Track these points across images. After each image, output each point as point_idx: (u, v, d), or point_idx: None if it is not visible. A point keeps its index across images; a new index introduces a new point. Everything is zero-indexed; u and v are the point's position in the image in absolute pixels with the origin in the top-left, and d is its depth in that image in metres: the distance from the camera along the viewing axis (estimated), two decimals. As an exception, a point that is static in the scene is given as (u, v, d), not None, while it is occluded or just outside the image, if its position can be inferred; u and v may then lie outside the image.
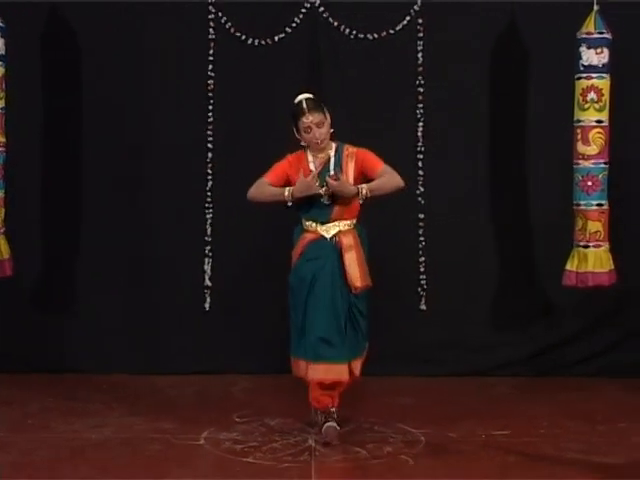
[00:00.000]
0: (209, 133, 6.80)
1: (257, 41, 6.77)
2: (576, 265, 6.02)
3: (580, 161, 6.02)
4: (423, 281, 6.85)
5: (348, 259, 5.25)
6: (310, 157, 5.36)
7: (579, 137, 6.00)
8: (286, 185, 5.31)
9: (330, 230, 5.33)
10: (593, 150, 5.98)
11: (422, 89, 6.80)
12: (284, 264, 5.51)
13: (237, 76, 6.80)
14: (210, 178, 6.81)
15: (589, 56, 5.95)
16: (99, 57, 6.77)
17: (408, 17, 6.78)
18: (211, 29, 6.78)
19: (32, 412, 5.85)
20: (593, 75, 5.96)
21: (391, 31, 6.78)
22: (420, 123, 6.82)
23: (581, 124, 6.00)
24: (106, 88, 6.76)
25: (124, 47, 6.76)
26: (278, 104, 6.29)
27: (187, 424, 5.62)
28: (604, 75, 5.96)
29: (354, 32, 6.77)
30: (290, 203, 5.35)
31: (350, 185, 5.24)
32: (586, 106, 5.97)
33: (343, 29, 6.78)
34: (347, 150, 5.36)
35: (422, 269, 6.84)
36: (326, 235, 5.33)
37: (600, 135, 5.98)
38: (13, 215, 6.26)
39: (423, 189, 6.81)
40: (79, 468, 4.91)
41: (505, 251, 6.89)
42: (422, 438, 5.42)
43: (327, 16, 6.78)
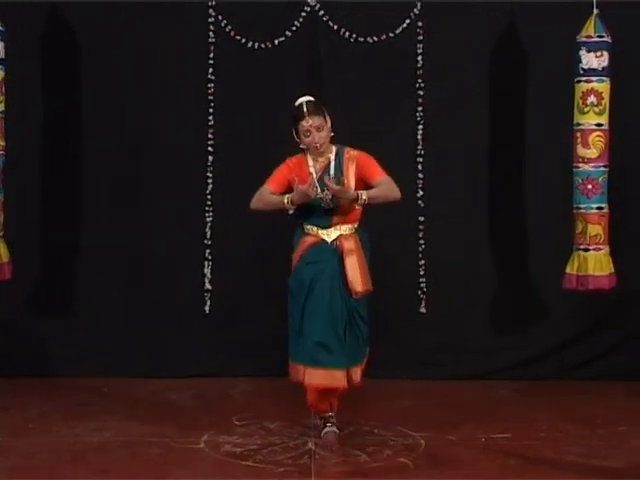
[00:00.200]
0: (209, 136, 6.80)
1: (257, 44, 6.78)
2: (576, 268, 6.01)
3: (580, 164, 6.01)
4: (423, 284, 6.85)
5: (349, 263, 5.19)
6: (310, 161, 5.30)
7: (579, 140, 5.99)
8: (288, 190, 5.24)
9: (331, 234, 5.28)
10: (593, 153, 5.97)
11: (422, 92, 6.81)
12: (284, 267, 5.49)
13: (237, 79, 6.80)
14: (210, 181, 6.82)
15: (589, 59, 5.95)
16: (99, 57, 6.77)
17: (408, 20, 6.79)
18: (211, 32, 6.78)
19: (32, 416, 5.84)
20: (593, 78, 5.95)
21: (391, 34, 6.79)
22: (420, 126, 6.82)
23: (581, 127, 5.99)
24: (106, 88, 6.77)
25: (124, 47, 6.77)
26: (278, 107, 6.30)
27: (187, 427, 5.61)
28: (604, 78, 5.96)
29: (354, 35, 6.78)
30: (291, 211, 5.33)
31: (350, 189, 5.18)
32: (586, 109, 5.97)
33: (343, 32, 6.78)
34: (348, 153, 5.31)
35: (422, 272, 6.84)
36: (327, 239, 5.27)
37: (600, 138, 5.97)
38: (13, 215, 6.24)
39: (423, 192, 6.82)
40: (80, 471, 4.90)
41: (505, 254, 6.89)
42: (422, 441, 5.41)
43: (327, 19, 6.79)
